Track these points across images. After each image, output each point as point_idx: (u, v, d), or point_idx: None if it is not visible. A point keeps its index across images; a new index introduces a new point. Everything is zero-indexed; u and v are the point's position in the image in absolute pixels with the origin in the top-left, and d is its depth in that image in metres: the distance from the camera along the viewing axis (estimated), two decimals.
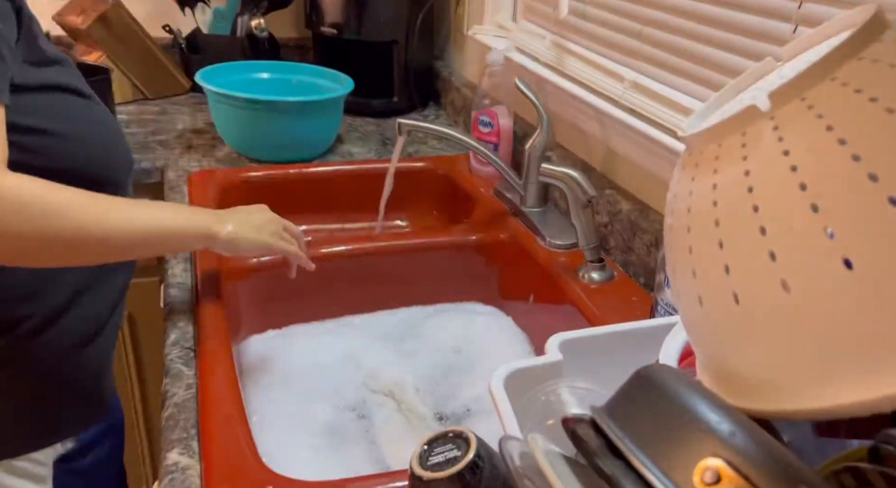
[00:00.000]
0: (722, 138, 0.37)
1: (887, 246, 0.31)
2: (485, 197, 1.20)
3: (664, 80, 0.92)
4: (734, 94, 0.43)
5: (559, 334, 0.59)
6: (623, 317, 0.86)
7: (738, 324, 0.36)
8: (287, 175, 1.27)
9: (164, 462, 0.66)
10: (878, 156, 0.32)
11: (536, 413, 0.52)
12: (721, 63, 0.82)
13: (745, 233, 0.35)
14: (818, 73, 0.34)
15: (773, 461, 0.30)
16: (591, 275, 0.95)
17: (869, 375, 0.31)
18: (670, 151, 0.87)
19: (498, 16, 1.40)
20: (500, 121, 1.22)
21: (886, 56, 0.34)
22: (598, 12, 1.05)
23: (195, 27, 1.68)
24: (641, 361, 0.41)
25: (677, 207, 0.41)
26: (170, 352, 0.81)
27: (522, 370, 0.55)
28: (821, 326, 0.32)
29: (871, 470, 0.36)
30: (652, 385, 0.36)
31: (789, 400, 0.34)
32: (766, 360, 0.35)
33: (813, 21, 0.68)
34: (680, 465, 0.31)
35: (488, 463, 0.45)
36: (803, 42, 0.41)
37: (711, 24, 0.82)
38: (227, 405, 0.72)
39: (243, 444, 0.67)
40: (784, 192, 0.33)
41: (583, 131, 1.10)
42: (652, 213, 0.93)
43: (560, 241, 1.02)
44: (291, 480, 0.64)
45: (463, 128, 1.50)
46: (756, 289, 0.34)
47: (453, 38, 1.64)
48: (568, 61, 1.12)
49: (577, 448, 0.36)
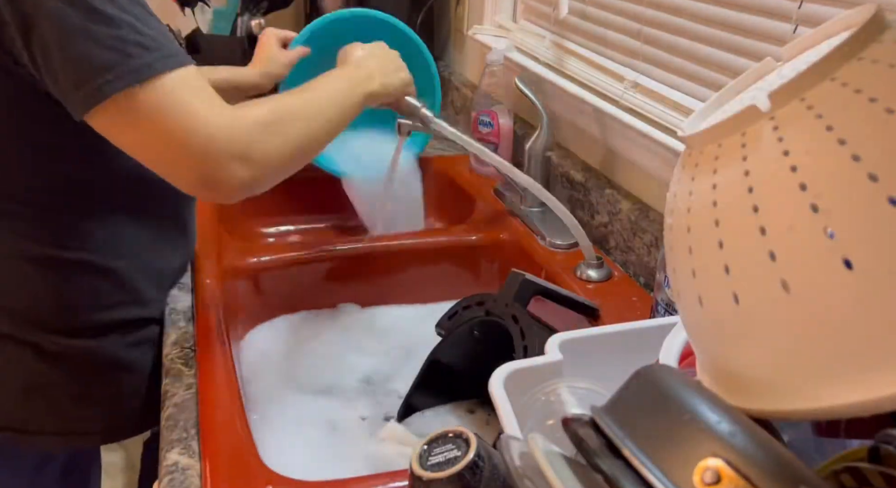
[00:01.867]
0: (722, 138, 0.37)
1: (887, 246, 0.31)
2: (485, 197, 1.20)
3: (664, 80, 0.92)
4: (734, 94, 0.43)
5: (559, 334, 0.59)
6: (623, 317, 0.86)
7: (738, 324, 0.36)
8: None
9: (164, 462, 0.66)
10: (878, 157, 0.32)
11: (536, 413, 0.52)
12: (721, 63, 0.82)
13: (745, 233, 0.35)
14: (818, 73, 0.34)
15: (773, 461, 0.30)
16: (589, 274, 0.95)
17: (869, 375, 0.31)
18: (670, 151, 0.87)
19: (498, 16, 1.39)
20: (500, 121, 1.22)
21: (886, 56, 0.34)
22: (598, 12, 1.05)
23: (195, 27, 1.68)
24: (641, 361, 0.41)
25: (677, 207, 0.41)
26: (170, 352, 0.81)
27: (522, 370, 0.55)
28: (821, 326, 0.32)
29: (871, 470, 0.36)
30: (652, 385, 0.36)
31: (789, 400, 0.34)
32: (766, 360, 0.35)
33: (813, 21, 0.68)
34: (680, 465, 0.31)
35: (488, 463, 0.45)
36: (803, 42, 0.41)
37: (711, 24, 0.82)
38: (227, 405, 0.72)
39: (243, 444, 0.67)
40: (784, 192, 0.33)
41: (583, 131, 1.10)
42: (652, 213, 0.93)
43: (560, 241, 1.02)
44: (291, 480, 0.64)
45: (463, 128, 1.50)
46: (756, 288, 0.34)
47: (453, 38, 1.64)
48: (568, 61, 1.12)
49: (577, 448, 0.36)
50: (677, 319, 0.55)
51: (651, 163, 0.93)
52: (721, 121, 0.37)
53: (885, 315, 0.31)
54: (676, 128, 0.86)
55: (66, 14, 0.61)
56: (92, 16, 0.61)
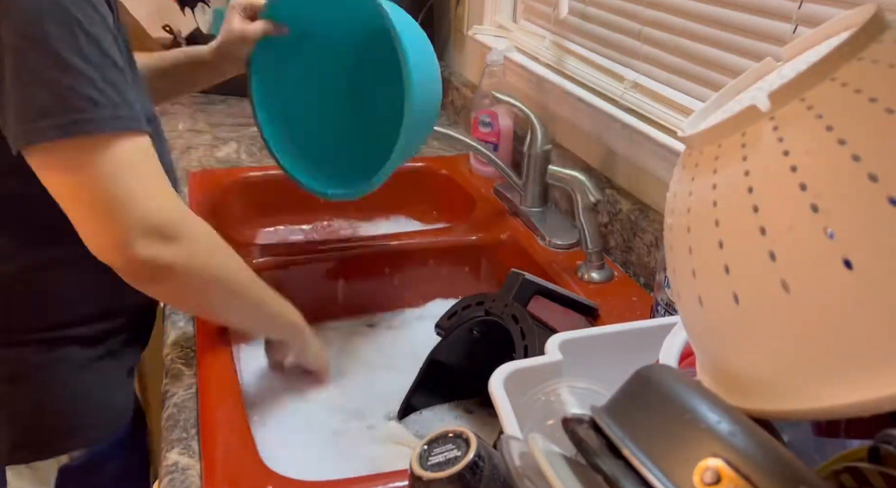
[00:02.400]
0: (722, 138, 0.37)
1: (887, 246, 0.31)
2: (485, 197, 1.20)
3: (664, 80, 0.92)
4: (734, 94, 0.43)
5: (559, 334, 0.59)
6: (623, 317, 0.86)
7: (738, 324, 0.36)
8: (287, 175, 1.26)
9: (164, 462, 0.66)
10: (878, 156, 0.32)
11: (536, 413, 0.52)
12: (721, 63, 0.82)
13: (745, 233, 0.35)
14: (818, 73, 0.34)
15: (773, 461, 0.30)
16: (591, 275, 0.95)
17: (869, 375, 0.31)
18: (670, 151, 0.87)
19: (498, 16, 1.40)
20: (500, 121, 1.22)
21: (886, 56, 0.34)
22: (598, 12, 1.05)
23: (195, 27, 1.68)
24: (641, 361, 0.41)
25: (677, 207, 0.41)
26: (170, 352, 0.81)
27: (522, 370, 0.55)
28: (821, 326, 0.32)
29: (871, 470, 0.36)
30: (652, 385, 0.36)
31: (789, 401, 0.34)
32: (766, 360, 0.35)
33: (813, 21, 0.68)
34: (680, 465, 0.31)
35: (488, 463, 0.45)
36: (803, 42, 0.41)
37: (711, 24, 0.83)
38: (227, 405, 0.72)
39: (243, 444, 0.67)
40: (784, 192, 0.33)
41: (583, 131, 1.10)
42: (652, 213, 0.93)
43: (560, 241, 1.03)
44: (291, 480, 0.64)
45: (463, 128, 1.50)
46: (756, 289, 0.34)
47: (453, 38, 1.64)
48: (568, 61, 1.12)
49: (577, 448, 0.36)
50: (677, 319, 0.55)
51: (651, 163, 0.93)
52: (721, 121, 0.37)
53: (885, 315, 0.31)
54: (676, 128, 0.86)
55: (26, 53, 0.60)
56: (50, 60, 0.60)
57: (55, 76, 0.60)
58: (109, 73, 0.63)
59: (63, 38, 0.60)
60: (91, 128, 0.62)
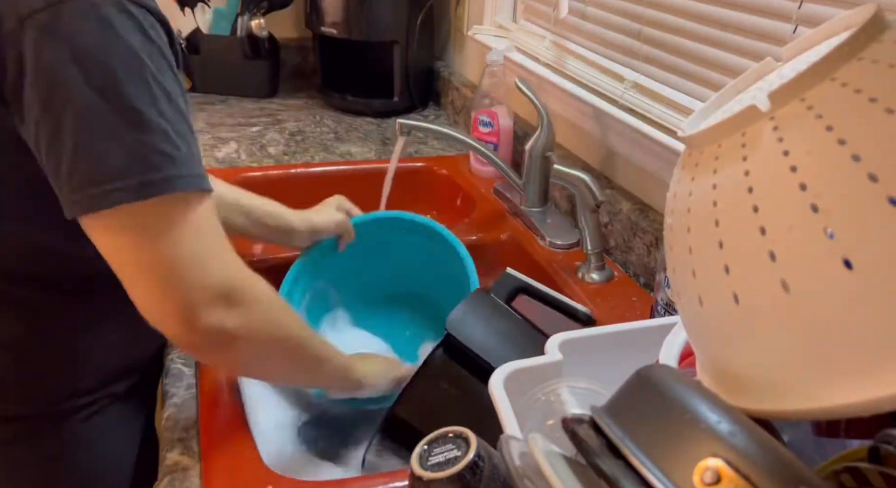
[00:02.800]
0: (722, 138, 0.37)
1: (887, 246, 0.31)
2: (485, 197, 1.20)
3: (664, 80, 0.92)
4: (734, 94, 0.43)
5: (559, 334, 0.59)
6: (623, 317, 0.86)
7: (738, 324, 0.36)
8: (287, 175, 1.26)
9: (164, 462, 0.66)
10: (878, 157, 0.32)
11: (536, 413, 0.52)
12: (721, 63, 0.82)
13: (745, 233, 0.35)
14: (818, 73, 0.34)
15: (773, 461, 0.30)
16: (591, 275, 0.95)
17: (869, 375, 0.31)
18: (670, 151, 0.87)
19: (498, 16, 1.40)
20: (500, 121, 1.22)
21: (886, 56, 0.34)
22: (598, 12, 1.05)
23: (195, 27, 1.68)
24: (641, 361, 0.41)
25: (677, 207, 0.41)
26: (170, 352, 0.81)
27: (522, 370, 0.55)
28: (821, 326, 0.32)
29: (871, 470, 0.36)
30: (652, 385, 0.36)
31: (789, 401, 0.34)
32: (766, 360, 0.35)
33: (813, 21, 0.68)
34: (680, 465, 0.31)
35: (488, 463, 0.45)
36: (803, 42, 0.41)
37: (711, 24, 0.83)
38: (227, 405, 0.72)
39: (243, 444, 0.67)
40: (784, 193, 0.33)
41: (583, 131, 1.10)
42: (652, 213, 0.93)
43: (560, 241, 1.02)
44: (291, 480, 0.64)
45: (463, 128, 1.50)
46: (756, 289, 0.34)
47: (453, 38, 1.64)
48: (568, 61, 1.12)
49: (577, 448, 0.36)
50: (677, 319, 0.55)
51: (651, 163, 0.93)
52: (721, 121, 0.37)
53: (884, 315, 0.31)
54: (676, 128, 0.86)
55: (96, 105, 0.53)
56: (125, 114, 0.54)
57: (131, 132, 0.54)
58: (180, 126, 0.57)
59: (138, 90, 0.54)
60: (166, 189, 0.55)
